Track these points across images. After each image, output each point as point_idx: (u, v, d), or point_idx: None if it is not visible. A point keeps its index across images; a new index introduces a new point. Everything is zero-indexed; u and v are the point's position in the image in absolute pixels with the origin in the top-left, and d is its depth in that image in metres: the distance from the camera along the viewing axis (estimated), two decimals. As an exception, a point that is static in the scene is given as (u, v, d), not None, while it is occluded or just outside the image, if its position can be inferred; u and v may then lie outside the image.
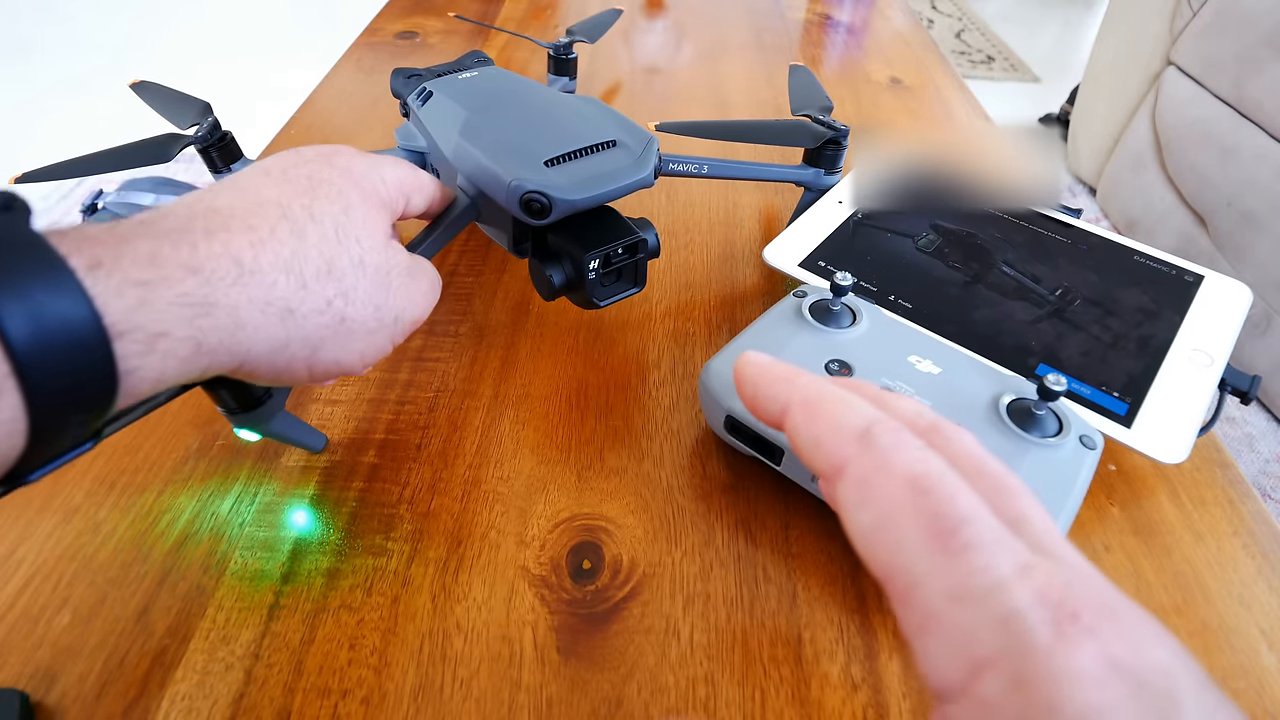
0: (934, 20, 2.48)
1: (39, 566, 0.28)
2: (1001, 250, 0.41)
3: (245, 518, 0.30)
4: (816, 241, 0.41)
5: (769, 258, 0.40)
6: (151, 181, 0.41)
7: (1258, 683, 0.25)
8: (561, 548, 0.29)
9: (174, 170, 1.44)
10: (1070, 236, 0.42)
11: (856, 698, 0.25)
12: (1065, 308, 0.37)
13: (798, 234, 0.42)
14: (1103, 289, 0.38)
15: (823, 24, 0.77)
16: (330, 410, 0.34)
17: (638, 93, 0.62)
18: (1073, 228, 0.42)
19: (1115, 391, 0.32)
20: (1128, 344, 0.35)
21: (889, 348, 0.31)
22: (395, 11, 0.75)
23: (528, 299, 0.40)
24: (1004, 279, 0.39)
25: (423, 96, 0.40)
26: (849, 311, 0.33)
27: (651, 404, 0.35)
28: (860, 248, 0.41)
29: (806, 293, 0.34)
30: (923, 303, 0.37)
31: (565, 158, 0.33)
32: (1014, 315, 0.36)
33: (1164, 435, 0.30)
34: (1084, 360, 0.34)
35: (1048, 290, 0.38)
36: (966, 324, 0.36)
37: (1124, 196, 1.46)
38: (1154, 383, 0.33)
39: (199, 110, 0.44)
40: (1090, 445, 0.28)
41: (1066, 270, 0.39)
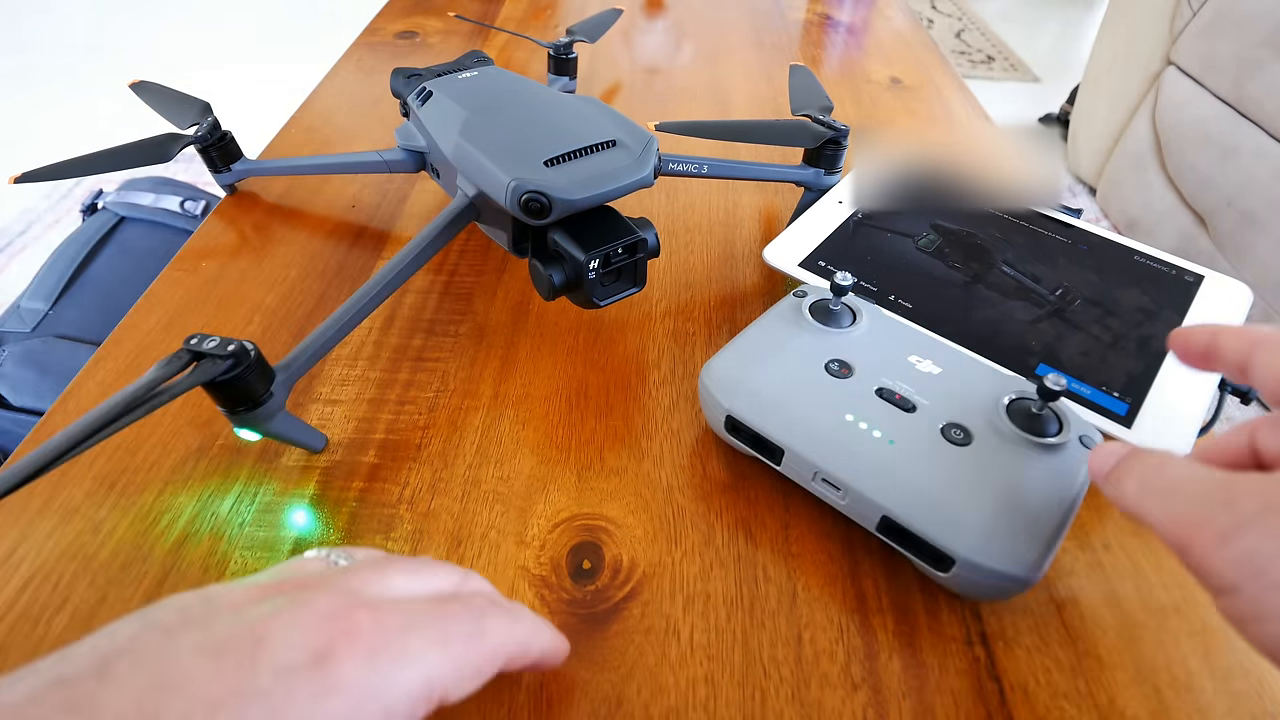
0: (934, 20, 2.48)
1: (39, 566, 0.28)
2: (1001, 250, 0.41)
3: (245, 518, 0.30)
4: (816, 241, 0.41)
5: (769, 258, 0.40)
6: (151, 181, 0.41)
7: (1258, 683, 0.25)
8: (561, 548, 0.29)
9: (174, 170, 1.44)
10: (1070, 236, 0.41)
11: (856, 698, 0.25)
12: (1065, 307, 0.37)
13: (798, 234, 0.41)
14: (1103, 289, 0.38)
15: (823, 24, 0.77)
16: (330, 410, 0.34)
17: (638, 93, 0.62)
18: (1073, 227, 0.42)
19: (1115, 391, 0.32)
20: (1128, 344, 0.35)
21: (889, 347, 0.31)
22: (395, 11, 0.75)
23: (528, 299, 0.40)
24: (1004, 279, 0.39)
25: (423, 96, 0.40)
26: (849, 311, 0.33)
27: (651, 404, 0.35)
28: (860, 248, 0.41)
29: (806, 292, 0.34)
30: (923, 303, 0.37)
31: (565, 158, 0.33)
32: (1014, 315, 0.36)
33: (1164, 435, 0.30)
34: (1084, 360, 0.34)
35: (1048, 290, 0.38)
36: (967, 324, 0.36)
37: (1124, 196, 1.46)
38: (1154, 383, 0.33)
39: (199, 110, 0.44)
40: (1090, 444, 0.27)
41: (1067, 270, 0.39)
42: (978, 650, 0.26)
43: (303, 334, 0.38)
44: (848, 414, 0.28)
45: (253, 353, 0.26)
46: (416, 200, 0.47)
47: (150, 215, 0.80)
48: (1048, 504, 0.26)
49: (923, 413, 0.28)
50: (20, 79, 1.88)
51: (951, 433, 0.28)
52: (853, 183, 0.46)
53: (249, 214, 0.46)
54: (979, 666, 0.25)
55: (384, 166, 0.42)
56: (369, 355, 0.37)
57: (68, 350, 0.66)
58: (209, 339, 0.25)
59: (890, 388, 0.29)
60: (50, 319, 0.70)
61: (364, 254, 0.43)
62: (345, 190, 0.48)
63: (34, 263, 1.30)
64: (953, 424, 0.28)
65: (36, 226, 1.47)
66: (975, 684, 0.25)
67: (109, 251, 0.76)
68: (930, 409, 0.29)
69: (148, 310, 0.39)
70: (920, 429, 0.28)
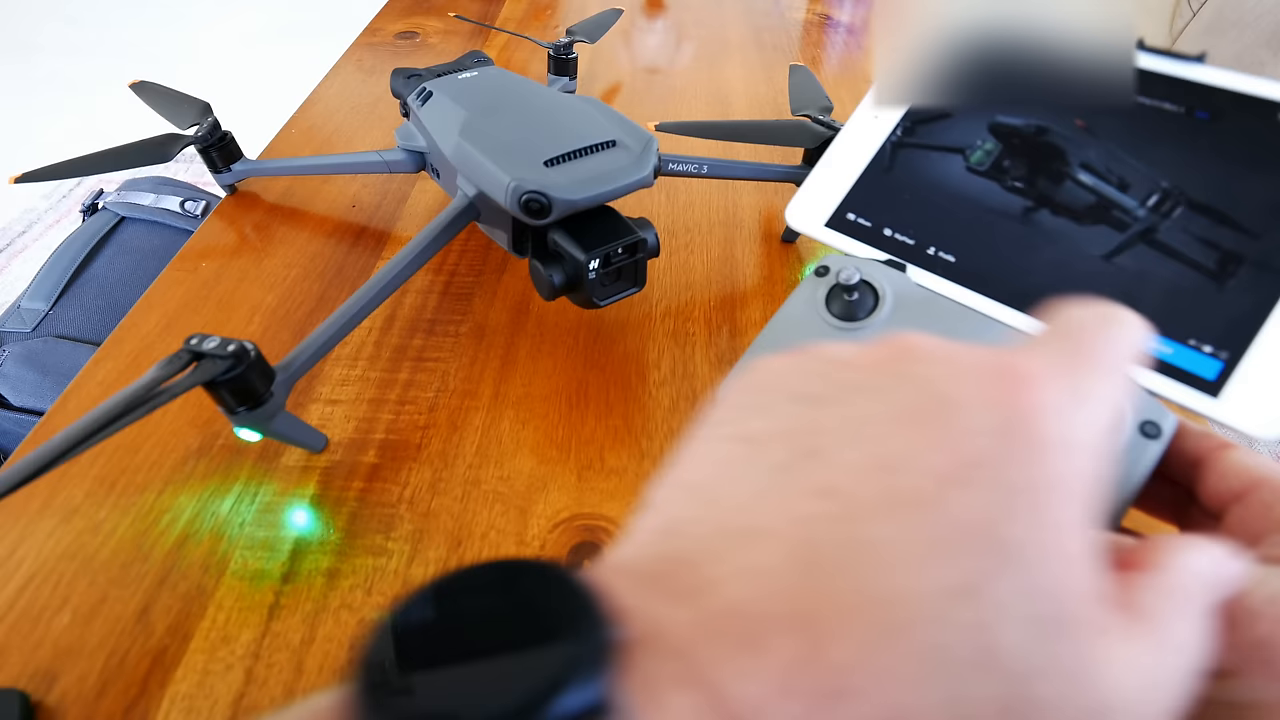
0: (934, 20, 2.48)
1: (39, 566, 0.28)
2: (1079, 148, 0.30)
3: (245, 517, 0.30)
4: (846, 186, 0.34)
5: (791, 219, 0.34)
6: (152, 181, 0.41)
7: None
8: (561, 548, 0.29)
9: (174, 170, 1.44)
10: (1184, 100, 0.29)
11: (856, 697, 0.25)
12: (1159, 225, 0.27)
13: (824, 179, 0.34)
14: (1221, 182, 0.27)
15: (823, 24, 0.77)
16: (330, 410, 0.34)
17: (638, 93, 0.62)
18: (1189, 86, 0.29)
19: (1207, 345, 0.24)
20: (1240, 269, 0.25)
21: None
22: (395, 11, 0.75)
23: (528, 299, 0.40)
24: (1078, 194, 0.30)
25: (423, 96, 0.40)
26: (870, 293, 0.28)
27: (651, 404, 0.35)
28: (899, 184, 0.33)
29: (829, 268, 0.29)
30: (968, 253, 0.30)
31: (565, 158, 0.33)
32: (1086, 250, 0.28)
33: (1264, 408, 0.23)
34: (1171, 304, 0.26)
35: (1137, 200, 0.28)
36: (1019, 276, 0.29)
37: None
38: (1265, 327, 0.24)
39: (199, 110, 0.44)
40: (1153, 433, 0.22)
41: (1170, 160, 0.28)
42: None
43: (303, 334, 0.38)
44: None
45: (253, 353, 0.26)
46: (416, 200, 0.47)
47: (150, 215, 0.80)
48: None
49: None
50: (21, 79, 1.88)
51: None
52: (885, 83, 0.36)
53: (249, 214, 0.46)
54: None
55: (384, 167, 0.42)
56: (369, 355, 0.37)
57: (68, 350, 0.66)
58: (209, 339, 0.25)
59: None
60: (50, 319, 0.70)
61: (364, 254, 0.43)
62: (345, 190, 0.48)
63: (34, 263, 1.30)
64: None
65: (37, 226, 1.47)
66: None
67: (109, 251, 0.76)
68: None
69: (148, 310, 0.39)
70: None
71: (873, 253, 0.31)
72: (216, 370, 0.25)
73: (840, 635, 0.11)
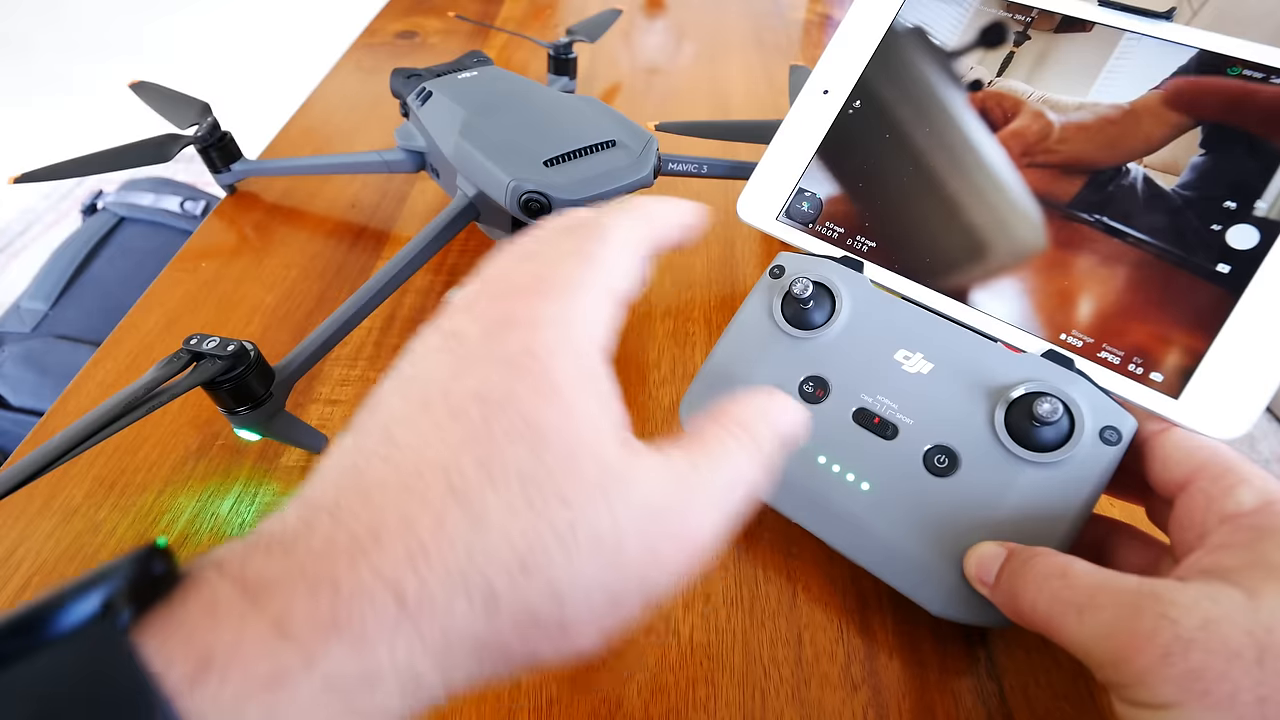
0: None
1: (39, 566, 0.28)
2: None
3: (245, 518, 0.30)
4: (798, 172, 0.31)
5: (744, 213, 0.32)
6: (151, 182, 0.41)
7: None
8: (561, 548, 0.29)
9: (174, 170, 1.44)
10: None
11: (856, 698, 0.25)
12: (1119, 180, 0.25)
13: (773, 167, 0.32)
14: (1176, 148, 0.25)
15: (823, 24, 0.77)
16: (330, 410, 0.34)
17: (638, 93, 0.62)
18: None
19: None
20: (1205, 249, 0.23)
21: (874, 345, 0.27)
22: (395, 11, 0.75)
23: (527, 299, 0.40)
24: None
25: (422, 96, 0.40)
26: (827, 297, 0.28)
27: (652, 404, 0.35)
28: (855, 165, 0.30)
29: (784, 268, 0.28)
30: (929, 243, 0.28)
31: (564, 158, 0.33)
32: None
33: (1223, 410, 0.22)
34: (1129, 299, 0.24)
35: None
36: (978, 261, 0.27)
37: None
38: (1229, 318, 0.23)
39: (198, 110, 0.44)
40: (1113, 440, 0.23)
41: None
42: (978, 650, 0.26)
43: (303, 334, 0.38)
44: (820, 455, 0.26)
45: (252, 353, 0.26)
46: (416, 200, 0.47)
47: (150, 215, 0.80)
48: (1046, 528, 0.23)
49: (905, 437, 0.25)
50: (20, 79, 1.88)
51: (935, 461, 0.25)
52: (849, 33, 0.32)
53: (249, 214, 0.46)
54: (979, 666, 0.25)
55: (384, 166, 0.42)
56: (369, 355, 0.37)
57: (68, 350, 0.66)
58: (209, 339, 0.25)
59: (870, 408, 0.26)
60: (50, 319, 0.70)
61: (364, 254, 0.43)
62: (345, 190, 0.48)
63: (34, 263, 1.30)
64: (938, 448, 0.25)
65: (36, 226, 1.47)
66: (975, 684, 0.25)
67: (109, 252, 0.76)
68: (914, 430, 0.25)
69: (148, 310, 0.39)
70: (899, 461, 0.25)
71: (828, 249, 0.30)
72: (216, 370, 0.25)
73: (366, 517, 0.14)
